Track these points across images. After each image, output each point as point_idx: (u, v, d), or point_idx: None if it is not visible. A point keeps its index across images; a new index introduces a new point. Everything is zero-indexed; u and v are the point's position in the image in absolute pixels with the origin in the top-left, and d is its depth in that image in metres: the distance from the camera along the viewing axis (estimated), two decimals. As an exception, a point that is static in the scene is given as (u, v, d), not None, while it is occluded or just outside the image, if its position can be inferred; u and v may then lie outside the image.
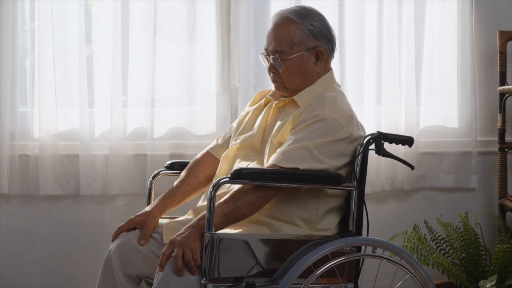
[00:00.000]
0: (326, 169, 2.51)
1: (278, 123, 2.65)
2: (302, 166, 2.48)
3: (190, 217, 2.70)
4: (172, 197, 2.76)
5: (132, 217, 2.67)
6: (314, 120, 2.54)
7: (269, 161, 2.53)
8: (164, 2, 3.61)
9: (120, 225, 2.66)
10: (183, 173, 2.84)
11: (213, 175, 2.78)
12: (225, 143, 2.87)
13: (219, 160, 2.79)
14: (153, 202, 2.75)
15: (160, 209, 2.71)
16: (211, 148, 2.89)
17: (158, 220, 2.68)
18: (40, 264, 3.61)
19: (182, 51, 3.67)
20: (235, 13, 3.63)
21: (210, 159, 2.85)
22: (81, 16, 3.54)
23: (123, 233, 2.63)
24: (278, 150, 2.53)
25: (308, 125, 2.53)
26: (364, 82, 3.71)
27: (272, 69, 2.69)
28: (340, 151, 2.54)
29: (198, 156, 2.88)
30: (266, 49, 2.71)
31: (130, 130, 3.61)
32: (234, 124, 2.88)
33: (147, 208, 2.71)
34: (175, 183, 2.81)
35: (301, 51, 2.64)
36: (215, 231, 2.38)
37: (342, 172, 2.56)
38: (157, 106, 3.61)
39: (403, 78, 3.70)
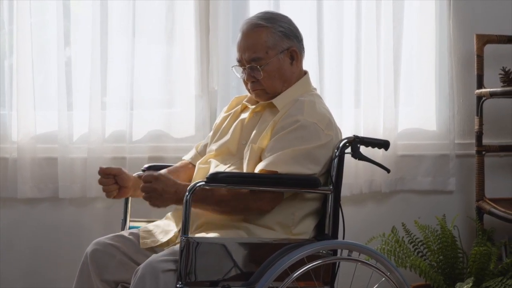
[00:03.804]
0: (313, 175, 2.52)
1: (257, 128, 2.64)
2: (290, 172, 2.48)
3: (167, 220, 2.70)
4: None
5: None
6: (295, 126, 2.54)
7: (255, 170, 2.52)
8: (142, 3, 3.61)
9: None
10: None
11: None
12: (203, 152, 2.86)
13: None
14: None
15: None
16: (191, 158, 2.89)
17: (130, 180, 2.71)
18: (19, 267, 3.60)
19: (161, 53, 3.67)
20: (213, 15, 3.63)
21: (190, 169, 2.84)
22: (59, 16, 3.53)
23: (98, 239, 2.64)
24: (263, 160, 2.52)
25: (290, 132, 2.53)
26: (343, 84, 3.73)
27: (250, 78, 2.66)
28: (324, 156, 2.55)
29: (177, 165, 2.87)
30: (239, 61, 2.69)
31: (109, 132, 3.61)
32: (211, 133, 2.88)
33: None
34: None
35: (277, 54, 2.64)
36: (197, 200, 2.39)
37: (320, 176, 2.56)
38: (136, 109, 3.60)
39: (381, 81, 3.73)
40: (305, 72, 2.76)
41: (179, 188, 2.44)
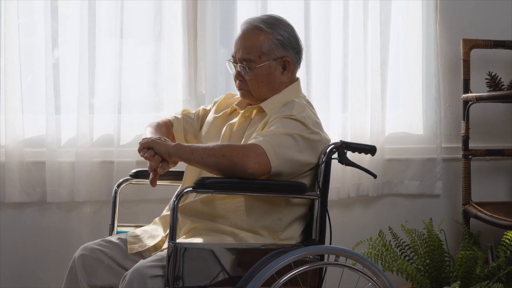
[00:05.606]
0: (302, 160, 2.52)
1: (247, 132, 2.66)
2: (281, 153, 2.46)
3: (154, 225, 2.71)
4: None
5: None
6: (285, 116, 2.55)
7: (249, 141, 2.52)
8: (130, 4, 3.60)
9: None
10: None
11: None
12: (188, 122, 2.89)
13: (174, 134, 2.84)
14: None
15: None
16: (173, 119, 2.90)
17: None
18: (7, 271, 3.59)
19: (149, 55, 3.65)
20: (201, 18, 3.62)
21: (169, 128, 2.87)
22: (47, 18, 3.50)
23: (86, 244, 2.64)
24: (257, 133, 2.53)
25: (281, 118, 2.55)
26: (330, 88, 3.73)
27: (239, 76, 2.70)
28: (310, 149, 2.55)
29: (160, 120, 2.90)
30: (233, 56, 2.72)
31: (97, 136, 3.59)
32: (201, 109, 2.91)
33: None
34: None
35: (269, 60, 2.66)
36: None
37: (306, 180, 2.57)
38: (124, 113, 3.59)
39: (368, 85, 3.74)
40: (297, 79, 2.77)
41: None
